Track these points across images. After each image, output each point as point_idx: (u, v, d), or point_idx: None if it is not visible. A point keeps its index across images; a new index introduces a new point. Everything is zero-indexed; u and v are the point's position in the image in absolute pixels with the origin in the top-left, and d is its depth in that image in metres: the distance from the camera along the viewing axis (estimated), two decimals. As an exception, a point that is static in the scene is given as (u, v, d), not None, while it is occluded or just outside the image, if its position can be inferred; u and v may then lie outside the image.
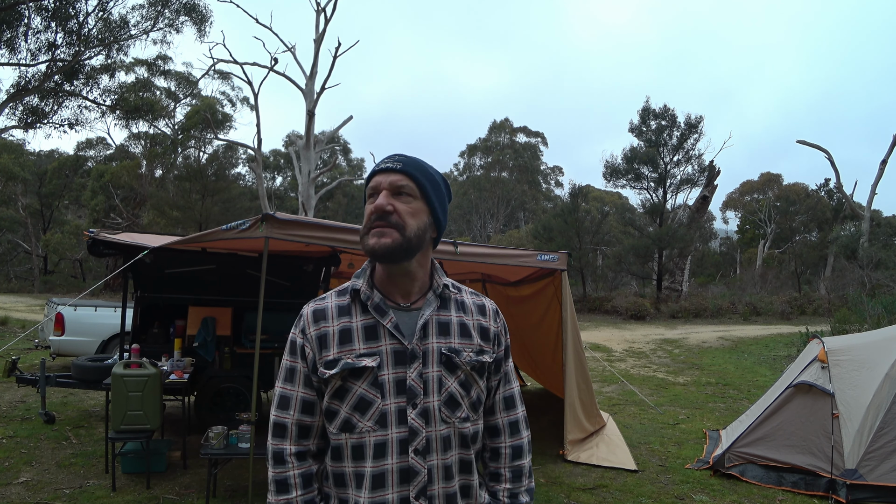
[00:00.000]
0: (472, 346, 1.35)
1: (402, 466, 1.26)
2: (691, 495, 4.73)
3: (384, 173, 1.33)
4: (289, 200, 36.48)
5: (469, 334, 1.36)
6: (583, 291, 26.14)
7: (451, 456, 1.31)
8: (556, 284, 6.29)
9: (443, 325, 1.34)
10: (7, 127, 19.76)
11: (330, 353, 1.30)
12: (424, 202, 1.34)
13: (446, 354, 1.31)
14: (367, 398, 1.27)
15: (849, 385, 4.74)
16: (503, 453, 1.43)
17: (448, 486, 1.30)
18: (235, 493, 4.54)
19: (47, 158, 36.65)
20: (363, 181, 14.64)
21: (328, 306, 1.36)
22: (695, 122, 25.72)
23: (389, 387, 1.27)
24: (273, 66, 23.58)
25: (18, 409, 6.76)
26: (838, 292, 23.54)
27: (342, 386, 1.28)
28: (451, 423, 1.31)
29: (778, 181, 44.38)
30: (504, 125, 46.88)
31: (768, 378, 9.88)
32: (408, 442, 1.26)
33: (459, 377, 1.32)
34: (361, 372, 1.27)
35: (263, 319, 4.24)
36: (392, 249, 1.27)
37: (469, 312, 1.39)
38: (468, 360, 1.33)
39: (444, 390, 1.30)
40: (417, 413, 1.27)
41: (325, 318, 1.34)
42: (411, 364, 1.29)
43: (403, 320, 1.32)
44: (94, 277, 28.15)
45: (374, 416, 1.27)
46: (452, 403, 1.31)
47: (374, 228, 1.29)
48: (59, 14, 16.40)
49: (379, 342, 1.29)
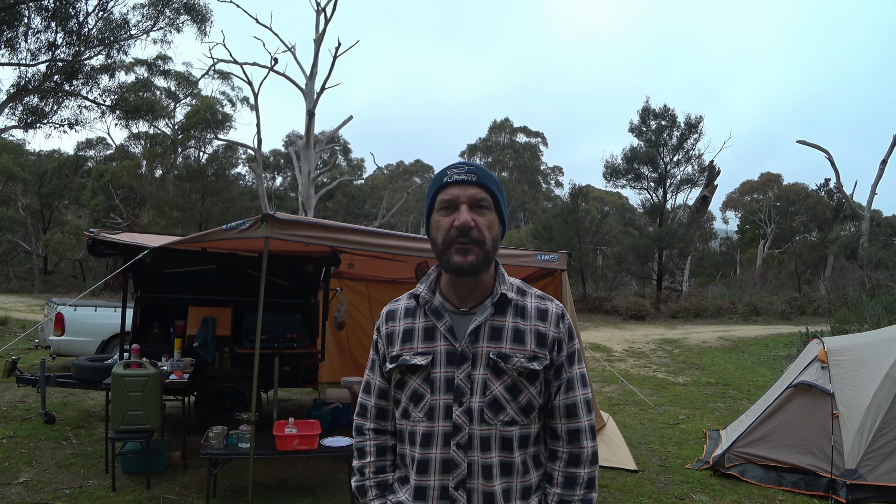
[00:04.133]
0: (525, 351, 1.37)
1: (444, 458, 1.35)
2: (691, 495, 4.73)
3: (460, 186, 1.36)
4: (289, 200, 36.48)
5: (523, 340, 1.38)
6: (583, 291, 26.16)
7: (491, 457, 1.35)
8: (556, 284, 6.29)
9: (496, 330, 1.38)
10: (7, 127, 19.77)
11: (395, 349, 1.44)
12: (497, 213, 1.40)
13: (493, 359, 1.36)
14: (419, 392, 1.39)
15: (849, 385, 4.74)
16: (559, 457, 1.43)
17: (487, 485, 1.34)
18: (235, 493, 4.54)
19: (47, 158, 36.63)
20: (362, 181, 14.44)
21: (398, 308, 1.49)
22: (695, 122, 25.75)
23: (440, 384, 1.37)
24: (273, 66, 23.56)
25: (18, 409, 6.76)
26: (838, 292, 23.54)
27: (401, 379, 1.42)
28: (493, 425, 1.35)
29: (778, 181, 44.41)
30: (504, 125, 46.93)
31: (768, 378, 9.88)
32: (451, 436, 1.35)
33: (506, 382, 1.36)
34: (415, 368, 1.39)
35: (263, 319, 4.24)
36: (477, 266, 1.35)
37: (528, 318, 1.41)
38: (517, 366, 1.36)
39: (488, 393, 1.35)
40: (462, 411, 1.35)
41: (394, 318, 1.48)
42: (461, 365, 1.36)
43: (459, 324, 1.39)
44: (94, 277, 28.16)
45: (425, 408, 1.38)
46: (496, 406, 1.35)
47: (456, 244, 1.34)
48: (59, 14, 16.39)
49: (434, 343, 1.39)
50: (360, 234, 4.53)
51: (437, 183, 1.40)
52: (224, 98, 32.07)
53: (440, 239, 1.36)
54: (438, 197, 1.38)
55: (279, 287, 6.14)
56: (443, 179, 1.38)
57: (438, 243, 1.37)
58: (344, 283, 8.13)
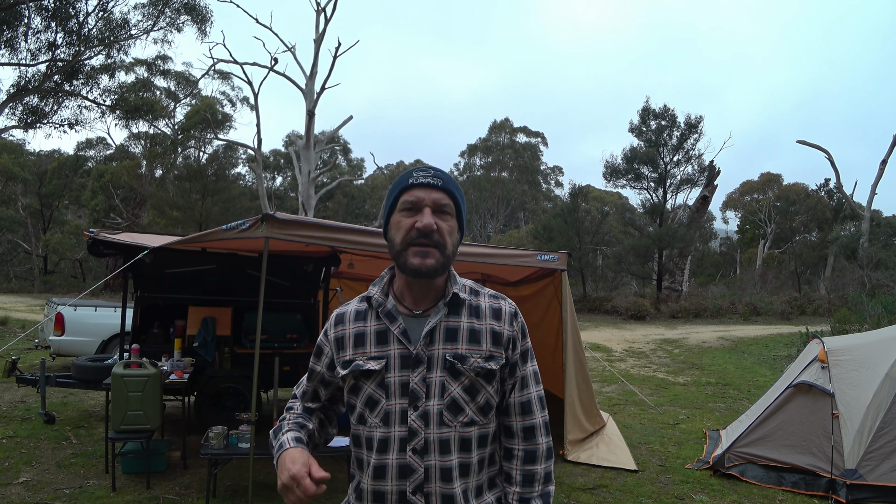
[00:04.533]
0: (482, 351, 1.37)
1: (401, 463, 1.32)
2: (691, 495, 4.73)
3: (426, 189, 1.35)
4: (289, 200, 36.48)
5: (479, 340, 1.38)
6: (583, 291, 26.16)
7: (450, 459, 1.33)
8: (556, 284, 6.29)
9: (451, 331, 1.37)
10: (7, 127, 19.78)
11: (346, 353, 1.40)
12: (457, 219, 1.40)
13: (450, 361, 1.35)
14: (374, 397, 1.36)
15: (849, 385, 4.74)
16: (516, 455, 1.43)
17: (446, 487, 1.32)
18: (235, 493, 4.54)
19: (47, 158, 36.63)
20: (362, 181, 14.40)
21: (348, 311, 1.45)
22: (695, 122, 25.75)
23: (395, 388, 1.34)
24: (273, 66, 23.58)
25: (18, 409, 6.76)
26: (838, 292, 23.54)
27: (355, 384, 1.39)
28: (452, 427, 1.34)
29: (778, 181, 44.40)
30: (504, 125, 46.88)
31: (768, 378, 9.88)
32: (407, 441, 1.32)
33: (464, 383, 1.35)
34: (369, 373, 1.36)
35: (263, 319, 4.24)
36: (435, 269, 1.33)
37: (483, 317, 1.41)
38: (474, 367, 1.35)
39: (446, 395, 1.34)
40: (418, 415, 1.32)
41: (344, 321, 1.44)
42: (416, 368, 1.34)
43: (413, 327, 1.37)
44: (94, 277, 28.15)
45: (380, 414, 1.35)
46: (455, 408, 1.34)
47: (415, 246, 1.33)
48: (59, 14, 16.40)
49: (388, 347, 1.37)
50: (360, 234, 4.53)
51: (401, 184, 1.37)
52: (224, 98, 32.12)
53: (399, 239, 1.34)
54: (402, 198, 1.36)
55: (279, 287, 6.14)
56: (408, 181, 1.36)
57: (396, 244, 1.35)
58: (344, 283, 8.13)
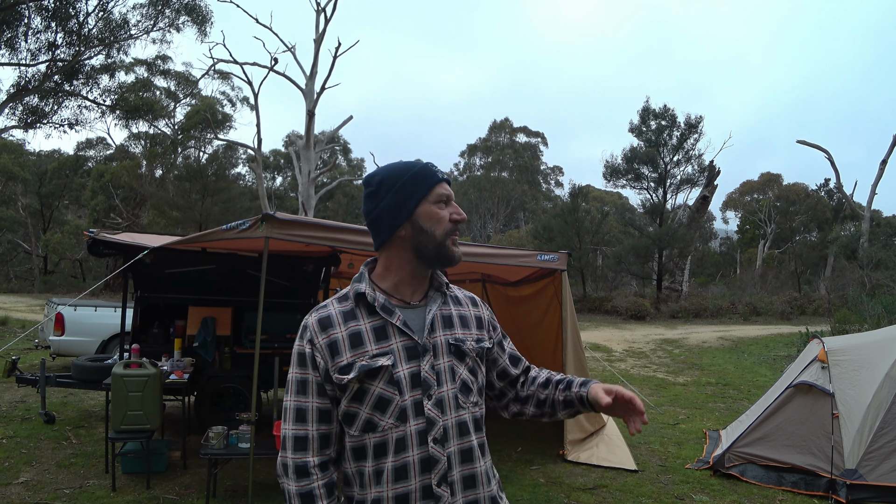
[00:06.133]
0: (472, 335, 1.45)
1: (422, 457, 1.30)
2: (691, 495, 4.73)
3: (447, 184, 1.44)
4: (289, 200, 36.48)
5: (468, 325, 1.46)
6: (583, 291, 26.14)
7: (469, 440, 1.37)
8: (556, 284, 6.29)
9: (446, 318, 1.43)
10: (7, 127, 19.78)
11: (343, 358, 1.31)
12: None
13: (454, 344, 1.39)
14: (385, 396, 1.31)
15: (849, 385, 4.74)
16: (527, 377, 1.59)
17: (467, 469, 1.36)
18: (235, 493, 4.54)
19: (47, 158, 36.62)
20: (361, 181, 14.42)
21: (332, 313, 1.36)
22: (695, 122, 25.75)
23: (406, 382, 1.32)
24: (273, 66, 23.55)
25: (18, 409, 6.76)
26: (838, 292, 23.52)
27: (360, 388, 1.31)
28: (466, 408, 1.38)
29: (778, 181, 44.38)
30: (504, 125, 46.85)
31: (768, 378, 9.87)
32: (426, 432, 1.31)
33: (468, 364, 1.41)
34: (378, 372, 1.31)
35: (263, 319, 4.24)
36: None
37: (465, 305, 1.51)
38: (473, 348, 1.43)
39: (457, 378, 1.38)
40: (433, 404, 1.33)
41: (332, 325, 1.35)
42: (423, 357, 1.34)
43: (410, 317, 1.39)
44: (94, 277, 28.13)
45: (395, 412, 1.31)
46: (466, 389, 1.39)
47: (454, 236, 1.42)
48: (59, 14, 16.40)
49: (390, 341, 1.34)
50: (360, 234, 4.53)
51: (433, 177, 1.41)
52: (224, 98, 32.07)
53: (440, 230, 1.38)
54: (436, 190, 1.40)
55: (279, 287, 6.14)
56: (437, 175, 1.42)
57: (438, 235, 1.38)
58: (344, 283, 8.13)
